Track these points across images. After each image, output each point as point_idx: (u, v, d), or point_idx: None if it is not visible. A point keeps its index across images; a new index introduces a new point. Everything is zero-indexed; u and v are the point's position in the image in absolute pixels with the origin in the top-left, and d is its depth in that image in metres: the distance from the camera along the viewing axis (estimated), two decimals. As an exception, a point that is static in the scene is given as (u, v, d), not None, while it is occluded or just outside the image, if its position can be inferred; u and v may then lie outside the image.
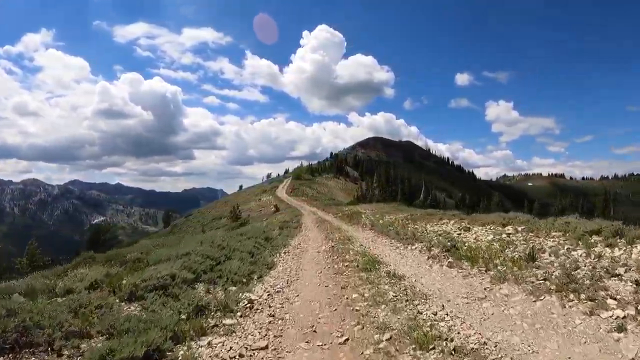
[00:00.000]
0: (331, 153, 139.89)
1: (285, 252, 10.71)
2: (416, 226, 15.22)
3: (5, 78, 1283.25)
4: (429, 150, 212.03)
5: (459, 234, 11.53)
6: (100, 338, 4.22)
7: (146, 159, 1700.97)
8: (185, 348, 4.25)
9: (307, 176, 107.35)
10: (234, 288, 6.38)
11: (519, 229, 10.50)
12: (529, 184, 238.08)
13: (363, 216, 24.56)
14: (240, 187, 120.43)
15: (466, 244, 9.66)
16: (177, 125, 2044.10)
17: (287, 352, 4.39)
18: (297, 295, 6.36)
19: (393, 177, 62.38)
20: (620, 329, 4.44)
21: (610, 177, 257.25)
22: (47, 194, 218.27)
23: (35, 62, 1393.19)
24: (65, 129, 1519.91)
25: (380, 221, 19.31)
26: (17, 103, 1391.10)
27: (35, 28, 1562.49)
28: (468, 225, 12.21)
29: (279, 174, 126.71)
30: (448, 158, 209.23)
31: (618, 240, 7.47)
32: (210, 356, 4.20)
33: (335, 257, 9.81)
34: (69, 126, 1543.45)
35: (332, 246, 11.68)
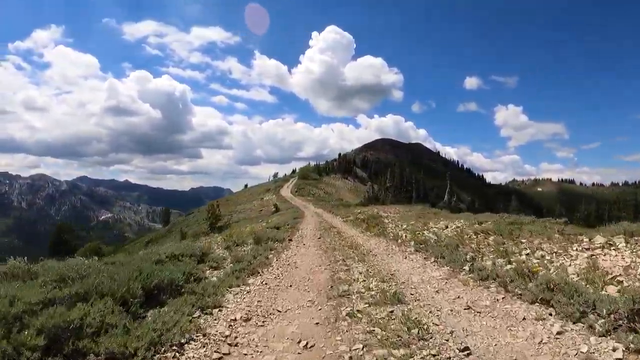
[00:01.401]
0: (339, 154, 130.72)
1: None
2: (541, 253, 6.45)
3: (13, 73, 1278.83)
4: (438, 153, 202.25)
5: None
6: None
7: (153, 157, 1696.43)
8: None
9: (314, 176, 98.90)
10: None
11: None
12: (539, 189, 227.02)
13: (387, 222, 15.99)
14: (246, 186, 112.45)
15: None
16: (185, 123, 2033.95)
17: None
18: None
19: (408, 177, 53.35)
20: None
21: (620, 184, 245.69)
22: (55, 190, 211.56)
23: (44, 58, 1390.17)
24: (73, 125, 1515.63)
25: (429, 235, 10.54)
26: (25, 98, 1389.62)
27: (45, 24, 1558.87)
28: None
29: (285, 174, 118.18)
30: (458, 161, 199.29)
31: None
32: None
33: None
34: (77, 122, 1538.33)
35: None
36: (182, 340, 3.12)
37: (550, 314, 3.86)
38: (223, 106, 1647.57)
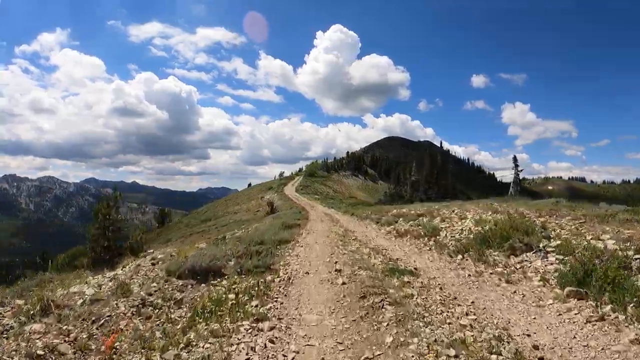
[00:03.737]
0: (347, 152, 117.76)
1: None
2: None
3: (20, 76, 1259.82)
4: (448, 151, 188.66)
5: None
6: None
7: (161, 158, 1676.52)
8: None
9: (322, 173, 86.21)
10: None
11: None
12: (549, 187, 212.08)
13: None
14: (249, 184, 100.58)
15: None
16: (192, 124, 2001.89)
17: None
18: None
19: (440, 168, 40.53)
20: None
21: (631, 182, 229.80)
22: (62, 191, 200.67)
23: (51, 61, 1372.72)
24: (80, 126, 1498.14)
25: None
26: (33, 101, 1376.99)
27: (50, 27, 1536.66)
28: None
29: (292, 172, 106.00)
30: (468, 159, 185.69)
31: None
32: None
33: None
34: (84, 124, 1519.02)
35: None
36: None
37: None
38: (229, 107, 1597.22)
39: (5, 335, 2.95)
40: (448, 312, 3.23)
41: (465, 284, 4.19)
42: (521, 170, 37.05)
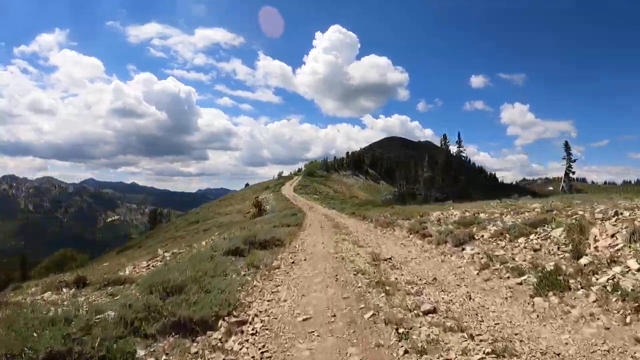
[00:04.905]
0: (347, 152, 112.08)
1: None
2: None
3: (19, 76, 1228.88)
4: (449, 151, 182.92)
5: None
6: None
7: (160, 159, 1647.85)
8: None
9: (321, 172, 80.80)
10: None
11: None
12: (550, 188, 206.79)
13: None
14: (247, 184, 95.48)
15: None
16: (191, 125, 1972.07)
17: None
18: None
19: (455, 166, 35.04)
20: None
21: (632, 182, 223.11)
22: (61, 192, 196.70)
23: (50, 61, 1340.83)
24: (79, 127, 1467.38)
25: None
26: (32, 101, 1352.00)
27: (49, 28, 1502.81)
28: None
29: (291, 172, 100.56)
30: (469, 159, 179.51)
31: None
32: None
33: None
34: (84, 124, 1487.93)
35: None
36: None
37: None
38: (228, 107, 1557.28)
39: None
40: None
41: None
42: (574, 161, 31.46)
